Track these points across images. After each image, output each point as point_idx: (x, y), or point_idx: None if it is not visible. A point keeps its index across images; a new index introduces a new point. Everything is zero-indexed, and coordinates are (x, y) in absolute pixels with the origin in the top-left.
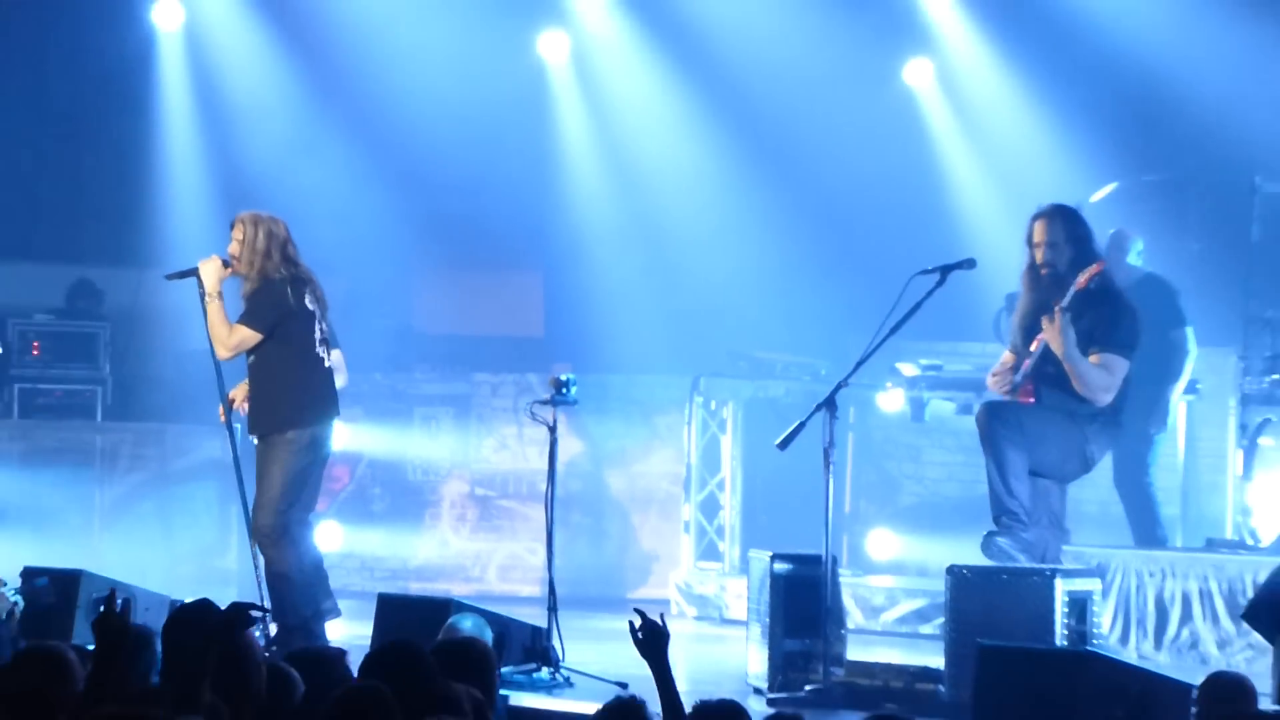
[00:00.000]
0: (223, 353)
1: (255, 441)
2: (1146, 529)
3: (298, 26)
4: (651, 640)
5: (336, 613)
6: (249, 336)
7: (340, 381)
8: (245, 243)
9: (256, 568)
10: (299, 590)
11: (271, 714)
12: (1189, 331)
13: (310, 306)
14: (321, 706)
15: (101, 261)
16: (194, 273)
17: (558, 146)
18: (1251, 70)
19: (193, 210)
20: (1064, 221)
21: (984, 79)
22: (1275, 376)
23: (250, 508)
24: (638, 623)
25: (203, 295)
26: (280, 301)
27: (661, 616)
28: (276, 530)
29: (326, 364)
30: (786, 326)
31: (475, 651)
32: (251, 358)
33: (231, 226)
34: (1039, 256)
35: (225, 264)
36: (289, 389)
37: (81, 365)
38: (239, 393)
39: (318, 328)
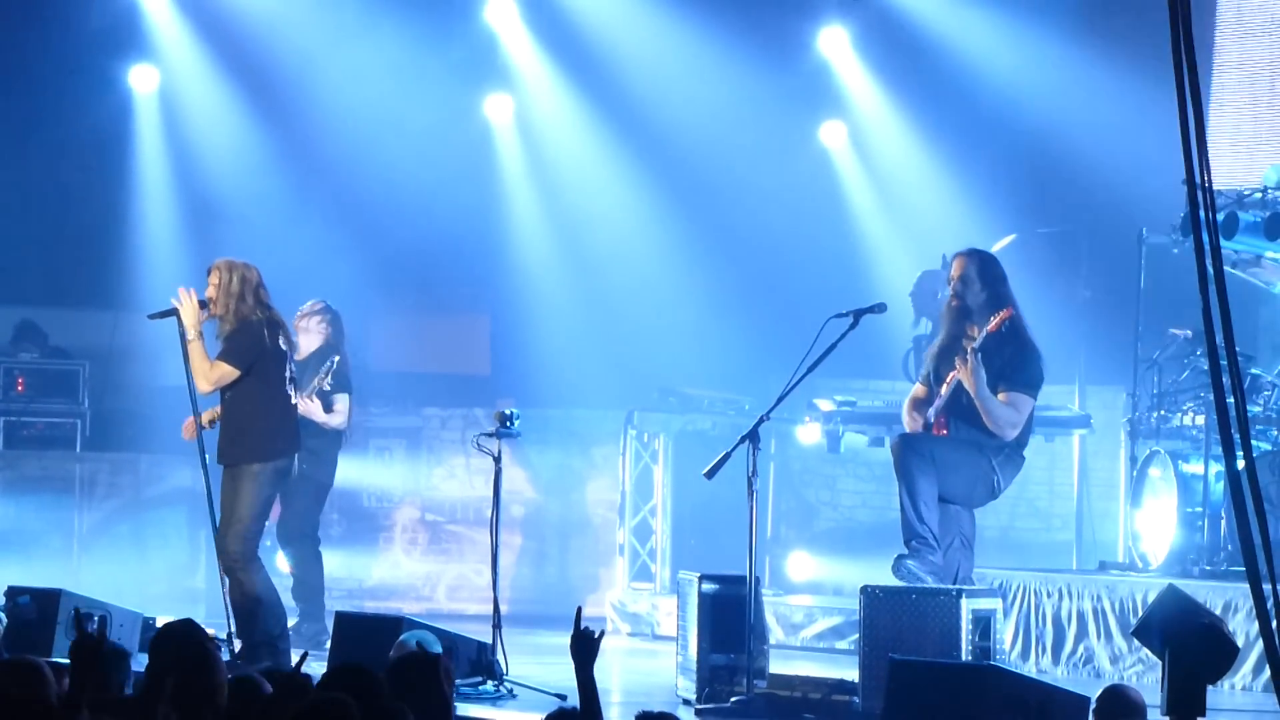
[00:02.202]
0: (204, 386)
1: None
2: None
3: (264, 89)
4: (579, 644)
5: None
6: (229, 372)
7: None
8: (220, 287)
9: (224, 588)
10: (266, 609)
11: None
12: None
13: (283, 347)
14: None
15: (81, 305)
16: (174, 313)
17: (503, 200)
18: (1137, 132)
19: (166, 258)
20: (978, 262)
21: (892, 140)
22: (1161, 412)
23: (216, 533)
24: (576, 628)
25: (183, 335)
26: (259, 341)
27: (600, 632)
28: (245, 555)
29: (293, 401)
30: (713, 365)
31: (435, 666)
32: (227, 392)
33: (208, 273)
34: (951, 289)
35: (203, 305)
36: (258, 423)
37: (62, 400)
38: (210, 415)
39: (288, 368)
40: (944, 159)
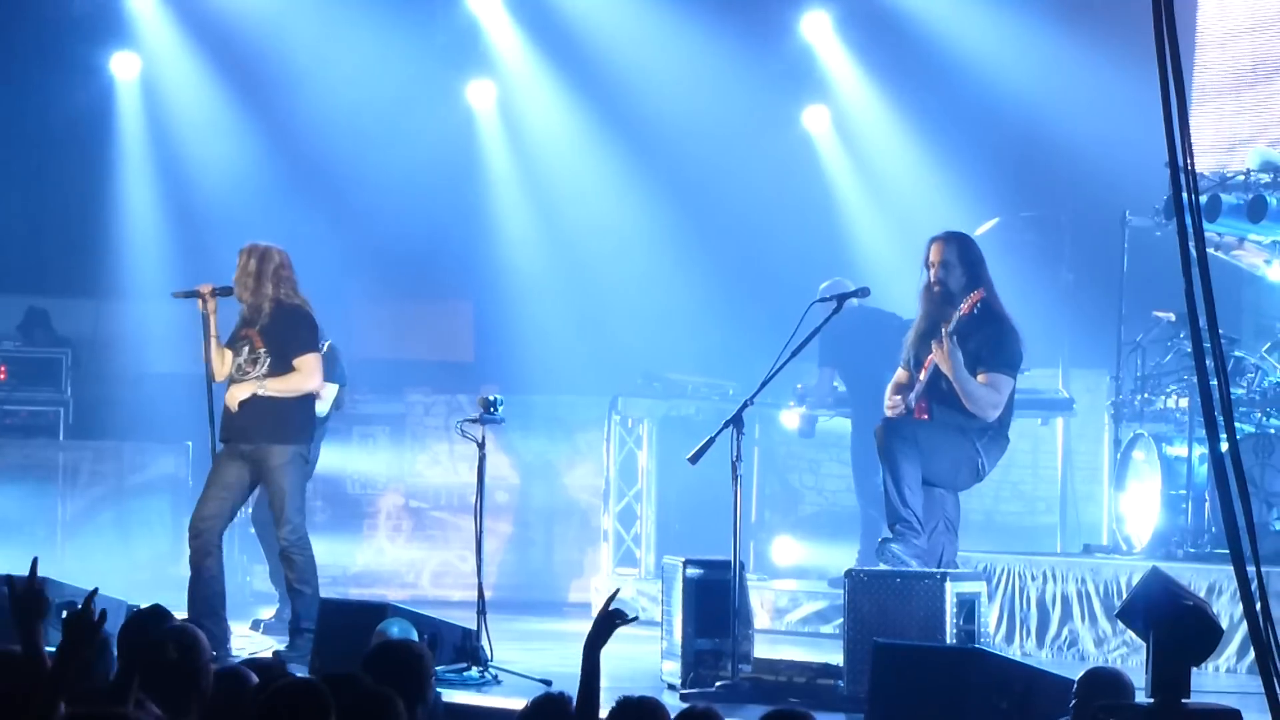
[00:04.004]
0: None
1: (246, 450)
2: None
3: (245, 75)
4: (602, 623)
5: None
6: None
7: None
8: (239, 269)
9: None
10: (315, 592)
11: (222, 713)
12: None
13: None
14: (261, 697)
15: (64, 292)
16: (197, 293)
17: (486, 186)
18: (1120, 114)
19: (149, 246)
20: (958, 245)
21: (875, 124)
22: (1145, 395)
23: (275, 523)
24: (606, 607)
25: (206, 315)
26: (315, 323)
27: (634, 617)
28: (305, 539)
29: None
30: (697, 350)
31: (412, 655)
32: (264, 367)
33: (238, 255)
34: (932, 275)
35: (227, 290)
36: (298, 406)
37: (45, 388)
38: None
39: None
40: (927, 143)
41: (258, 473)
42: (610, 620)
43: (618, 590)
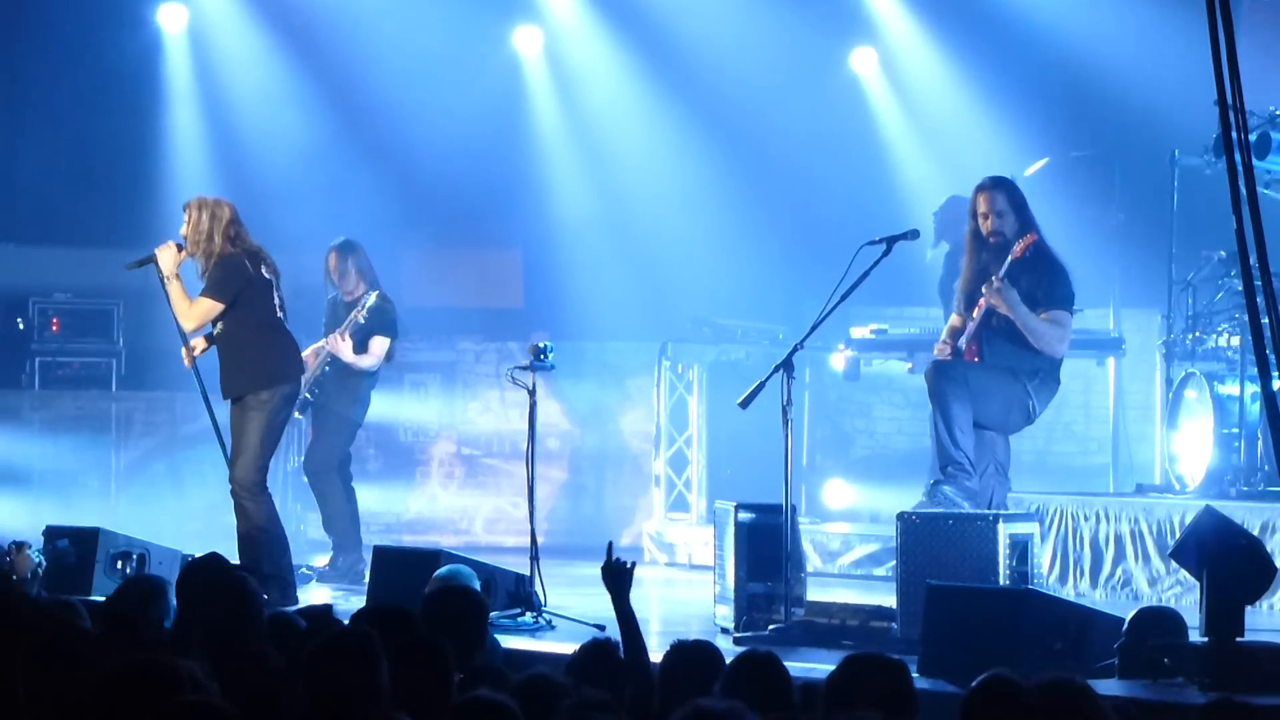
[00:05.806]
0: (189, 325)
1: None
2: None
3: (292, 25)
4: (612, 576)
5: None
6: (212, 306)
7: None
8: (191, 226)
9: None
10: (272, 540)
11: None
12: None
13: (267, 276)
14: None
15: (114, 243)
16: (152, 259)
17: (534, 133)
18: (1169, 52)
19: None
20: (1005, 192)
21: (923, 65)
22: (1196, 334)
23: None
24: (608, 558)
25: (162, 279)
26: (239, 272)
27: (632, 563)
28: (256, 484)
29: (286, 326)
30: (746, 295)
31: (469, 601)
32: (218, 327)
33: (184, 210)
34: (986, 226)
35: (180, 247)
36: (259, 351)
37: (97, 339)
38: (200, 343)
39: (276, 295)
40: (975, 83)
41: None
42: (620, 570)
43: (611, 542)
